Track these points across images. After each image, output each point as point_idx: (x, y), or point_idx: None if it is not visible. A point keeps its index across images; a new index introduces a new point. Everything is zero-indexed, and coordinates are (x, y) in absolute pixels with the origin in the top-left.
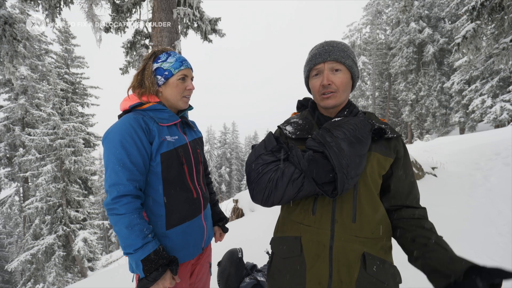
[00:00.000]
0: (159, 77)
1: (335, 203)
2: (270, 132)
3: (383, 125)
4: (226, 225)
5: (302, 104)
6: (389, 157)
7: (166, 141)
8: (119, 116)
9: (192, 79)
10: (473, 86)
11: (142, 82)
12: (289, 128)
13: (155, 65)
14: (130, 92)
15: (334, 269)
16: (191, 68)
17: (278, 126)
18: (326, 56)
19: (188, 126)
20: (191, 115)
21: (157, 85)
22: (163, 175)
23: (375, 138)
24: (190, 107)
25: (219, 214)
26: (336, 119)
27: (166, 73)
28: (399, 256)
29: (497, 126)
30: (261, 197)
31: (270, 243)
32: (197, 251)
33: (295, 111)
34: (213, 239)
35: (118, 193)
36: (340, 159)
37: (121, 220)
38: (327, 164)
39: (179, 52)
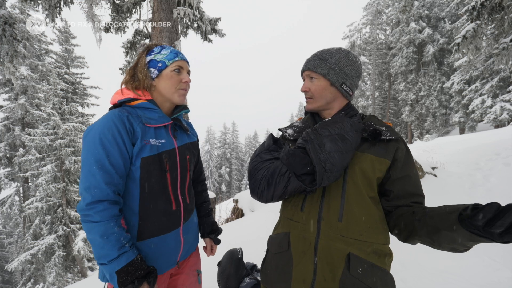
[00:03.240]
0: (152, 69)
1: (323, 201)
2: (271, 134)
3: (384, 128)
4: (231, 228)
5: None
6: (385, 158)
7: (149, 145)
8: (110, 110)
9: (189, 73)
10: (473, 86)
11: (135, 76)
12: (289, 131)
13: (148, 58)
14: (123, 86)
15: (318, 267)
16: (187, 61)
17: (279, 129)
18: (304, 66)
19: (181, 129)
20: (192, 114)
21: (150, 78)
22: (141, 182)
23: (369, 139)
24: (187, 109)
25: (212, 225)
26: (326, 119)
27: (160, 64)
28: (400, 256)
29: (497, 126)
30: (257, 192)
31: (267, 241)
32: (168, 266)
33: (295, 112)
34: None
35: (93, 198)
36: (318, 153)
37: (95, 228)
38: (305, 158)
39: None
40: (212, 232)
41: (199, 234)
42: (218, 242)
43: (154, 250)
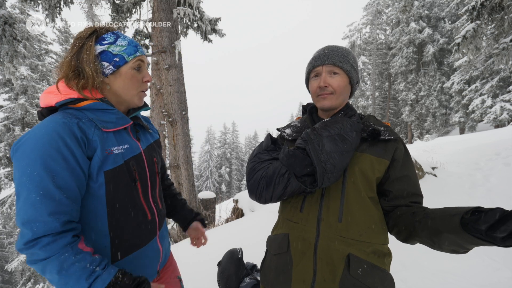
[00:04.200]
0: (105, 64)
1: (323, 202)
2: (269, 134)
3: (382, 128)
4: (233, 222)
5: (305, 109)
6: (384, 158)
7: (113, 154)
8: (42, 116)
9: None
10: (473, 86)
11: (80, 70)
12: (288, 131)
13: (100, 48)
14: (64, 84)
15: (318, 268)
16: (146, 55)
17: (277, 129)
18: (325, 59)
19: (143, 128)
20: (192, 114)
21: (102, 74)
22: (108, 199)
23: (368, 140)
24: (147, 107)
25: (191, 211)
26: (326, 119)
27: (117, 59)
28: (400, 256)
29: (497, 126)
30: (255, 193)
31: (266, 242)
32: (151, 278)
33: (295, 112)
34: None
35: (34, 234)
36: (318, 154)
37: (48, 265)
38: (305, 159)
39: (179, 53)
40: (196, 216)
41: (183, 228)
42: (205, 224)
43: (134, 267)
